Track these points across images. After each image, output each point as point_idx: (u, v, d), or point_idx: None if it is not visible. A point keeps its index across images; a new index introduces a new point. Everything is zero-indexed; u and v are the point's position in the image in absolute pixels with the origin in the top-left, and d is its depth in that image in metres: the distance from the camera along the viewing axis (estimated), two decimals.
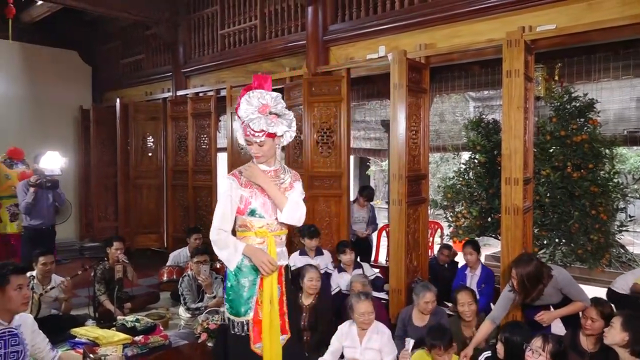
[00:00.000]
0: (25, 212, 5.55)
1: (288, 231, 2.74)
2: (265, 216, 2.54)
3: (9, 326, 2.59)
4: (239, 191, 2.51)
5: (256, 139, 2.44)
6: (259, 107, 2.41)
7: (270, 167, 2.58)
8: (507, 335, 2.92)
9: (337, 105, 5.22)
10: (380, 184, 14.69)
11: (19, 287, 2.58)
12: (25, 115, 8.08)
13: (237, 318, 2.55)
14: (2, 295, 2.54)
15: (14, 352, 2.60)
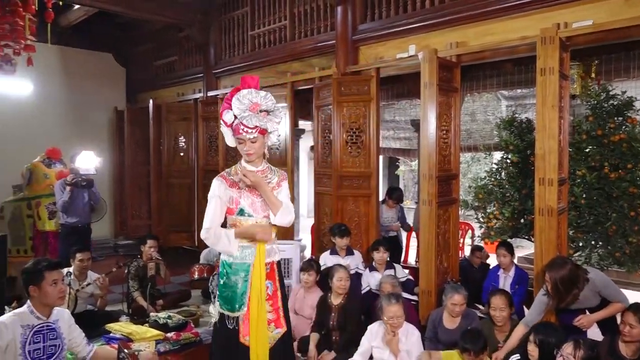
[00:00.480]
0: (62, 210, 5.72)
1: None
2: (253, 215, 2.65)
3: (47, 321, 2.67)
4: (227, 192, 2.62)
5: (249, 135, 2.53)
6: (249, 105, 2.51)
7: (258, 167, 2.68)
8: (542, 338, 2.85)
9: (367, 104, 5.20)
10: (409, 184, 14.57)
11: (54, 282, 2.66)
12: (62, 116, 8.34)
13: (232, 313, 2.65)
14: (39, 291, 2.62)
15: (52, 346, 2.67)
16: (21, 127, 7.70)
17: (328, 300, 4.15)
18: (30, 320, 2.61)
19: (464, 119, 8.10)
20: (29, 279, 2.63)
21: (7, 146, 7.44)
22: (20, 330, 2.55)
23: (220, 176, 2.67)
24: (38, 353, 2.60)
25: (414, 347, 3.40)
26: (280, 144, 6.12)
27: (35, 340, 2.60)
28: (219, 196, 2.61)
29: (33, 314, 2.64)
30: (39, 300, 2.64)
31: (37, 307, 2.65)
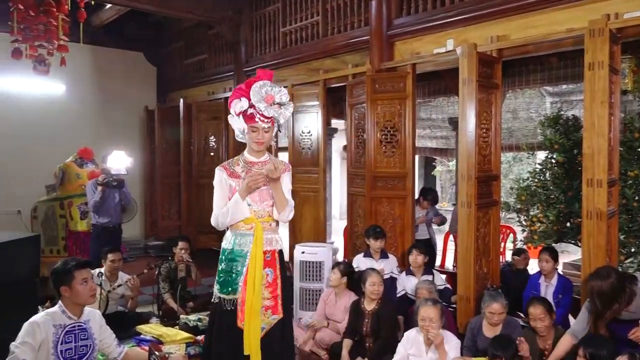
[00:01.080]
0: (93, 210, 5.88)
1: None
2: (252, 204, 2.77)
3: (78, 321, 2.75)
4: (228, 181, 2.77)
5: (265, 124, 2.69)
6: (265, 96, 2.65)
7: (260, 158, 2.82)
8: (592, 351, 2.76)
9: (402, 102, 5.16)
10: (446, 185, 14.39)
11: (84, 281, 2.73)
12: (94, 115, 8.59)
13: (227, 296, 2.77)
14: (70, 291, 2.70)
15: (83, 346, 2.75)
16: (54, 127, 7.97)
17: (361, 305, 4.14)
18: (62, 320, 2.69)
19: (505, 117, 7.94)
20: (59, 279, 2.71)
21: (41, 146, 7.71)
22: (53, 329, 2.62)
23: (221, 166, 2.83)
24: (70, 353, 2.67)
25: (451, 355, 3.34)
26: (312, 143, 6.14)
27: (67, 340, 2.67)
28: (222, 185, 2.78)
29: (65, 313, 2.71)
30: (71, 300, 2.72)
31: (68, 307, 2.73)
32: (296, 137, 6.30)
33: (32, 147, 7.69)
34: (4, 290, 3.52)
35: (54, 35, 5.28)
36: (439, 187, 14.96)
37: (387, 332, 3.98)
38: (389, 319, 4.05)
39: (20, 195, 7.37)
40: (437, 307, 3.38)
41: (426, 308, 3.36)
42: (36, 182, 7.33)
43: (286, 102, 2.73)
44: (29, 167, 7.55)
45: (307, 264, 5.13)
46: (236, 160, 2.85)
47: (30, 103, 7.75)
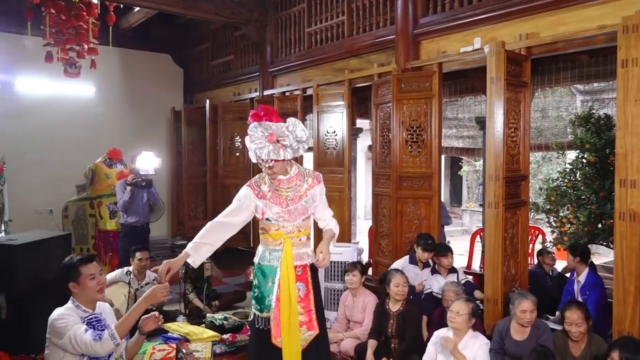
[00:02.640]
0: (122, 209, 6.00)
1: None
2: (279, 221, 2.84)
3: (93, 312, 2.77)
4: (255, 201, 2.82)
5: (265, 164, 2.72)
6: (266, 135, 2.66)
7: (286, 176, 2.84)
8: (629, 356, 2.69)
9: (428, 101, 5.12)
10: (473, 185, 14.24)
11: (92, 276, 2.73)
12: (123, 116, 8.76)
13: (261, 314, 2.83)
14: (79, 287, 2.70)
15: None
16: (84, 128, 8.16)
17: (386, 306, 4.13)
18: (78, 314, 2.69)
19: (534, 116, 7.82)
20: (67, 275, 2.71)
21: (72, 147, 7.90)
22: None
23: (249, 185, 2.87)
24: None
25: (479, 354, 3.30)
26: (337, 143, 6.14)
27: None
28: (242, 201, 2.83)
29: (79, 308, 2.72)
30: (81, 296, 2.73)
31: (80, 302, 2.73)
32: (321, 137, 6.31)
33: (64, 148, 7.89)
34: (41, 286, 3.64)
35: (84, 39, 5.42)
36: (465, 187, 14.81)
37: (413, 333, 3.97)
38: (414, 321, 4.03)
39: (52, 195, 7.57)
40: (469, 305, 3.37)
41: (459, 302, 3.39)
42: (67, 182, 7.52)
43: (298, 133, 2.71)
44: (60, 167, 7.74)
45: (332, 264, 5.13)
46: (263, 178, 2.87)
47: (61, 105, 7.95)
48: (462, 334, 3.36)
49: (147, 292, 2.79)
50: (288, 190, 2.83)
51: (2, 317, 3.66)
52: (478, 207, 12.74)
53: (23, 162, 7.29)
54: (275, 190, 2.83)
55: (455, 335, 3.38)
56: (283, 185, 2.83)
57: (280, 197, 2.83)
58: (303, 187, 2.87)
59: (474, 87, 6.54)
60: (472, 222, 12.97)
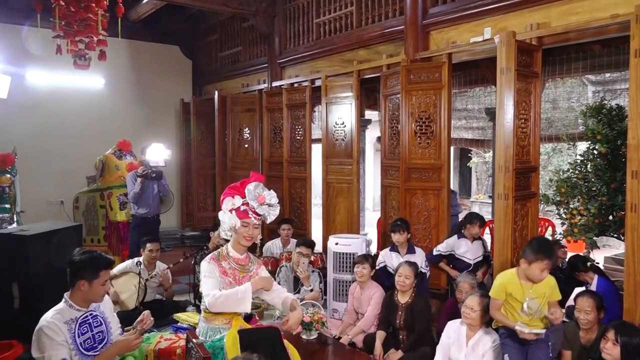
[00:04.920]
0: (133, 201, 6.04)
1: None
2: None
3: (88, 310, 2.72)
4: (217, 275, 2.84)
5: (257, 222, 2.87)
6: (257, 196, 2.86)
7: (241, 255, 2.96)
8: (626, 340, 2.69)
9: (437, 92, 5.09)
10: (482, 176, 14.16)
11: (104, 283, 2.73)
12: (132, 108, 8.80)
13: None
14: (89, 288, 2.65)
15: (99, 332, 2.74)
16: (94, 120, 8.21)
17: (394, 298, 4.13)
18: (71, 315, 2.64)
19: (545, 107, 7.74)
20: (82, 272, 2.65)
21: (82, 139, 7.95)
22: (66, 326, 2.59)
23: (212, 259, 2.89)
24: (89, 342, 2.66)
25: (490, 353, 3.27)
26: (345, 135, 6.13)
27: (83, 332, 2.65)
28: (215, 274, 2.84)
29: (72, 307, 2.67)
30: (83, 296, 2.67)
31: (76, 301, 2.68)
32: (330, 128, 6.30)
33: (74, 140, 7.94)
34: (54, 275, 3.69)
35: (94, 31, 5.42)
36: (474, 179, 14.74)
37: (422, 326, 3.97)
38: (423, 313, 4.02)
39: (63, 187, 7.64)
40: (484, 300, 3.34)
41: (473, 297, 3.38)
42: (78, 174, 7.57)
43: (275, 204, 2.93)
44: (70, 159, 7.81)
45: (340, 255, 5.15)
46: (223, 255, 2.93)
47: (71, 97, 8.00)
48: (476, 329, 3.35)
49: (120, 340, 2.78)
50: (243, 269, 2.94)
51: (15, 306, 3.71)
52: (487, 198, 12.68)
53: (34, 154, 7.35)
54: (234, 268, 2.92)
55: (469, 330, 3.37)
56: (240, 264, 2.94)
57: (237, 275, 2.91)
58: (253, 268, 3.00)
59: (484, 78, 6.48)
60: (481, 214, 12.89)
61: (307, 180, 6.77)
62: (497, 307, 3.15)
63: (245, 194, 2.87)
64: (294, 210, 6.97)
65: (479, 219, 5.05)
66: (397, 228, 4.80)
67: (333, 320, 4.86)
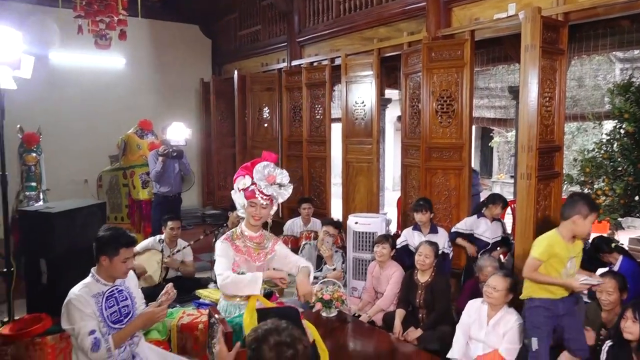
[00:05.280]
0: (155, 179, 6.12)
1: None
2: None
3: (114, 285, 2.81)
4: (232, 254, 2.89)
5: (263, 201, 2.86)
6: (267, 176, 2.85)
7: (256, 233, 2.98)
8: None
9: (459, 71, 5.00)
10: (504, 156, 13.99)
11: (125, 260, 2.77)
12: (153, 88, 8.85)
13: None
14: (110, 264, 2.73)
15: (125, 306, 2.82)
16: (116, 100, 8.29)
17: (414, 277, 4.14)
18: (98, 289, 2.73)
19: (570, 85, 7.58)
20: (104, 249, 2.73)
21: (104, 118, 8.05)
22: (93, 300, 2.68)
23: (225, 239, 2.95)
24: (115, 315, 2.75)
25: (509, 334, 3.26)
26: (365, 114, 6.09)
27: (109, 305, 2.74)
28: (227, 254, 2.89)
29: (99, 282, 2.75)
30: (106, 271, 2.76)
31: (101, 276, 2.77)
32: (349, 107, 6.26)
33: (96, 120, 8.05)
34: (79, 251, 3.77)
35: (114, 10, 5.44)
36: (496, 159, 14.57)
37: (442, 305, 3.98)
38: (443, 292, 4.03)
39: (87, 165, 7.76)
40: (507, 280, 3.33)
41: (496, 277, 3.37)
42: (101, 153, 7.68)
43: (286, 184, 2.93)
44: (93, 138, 7.91)
45: (360, 235, 5.16)
46: (237, 234, 2.97)
47: (93, 77, 8.07)
48: (498, 309, 3.34)
49: (145, 312, 2.84)
50: (258, 246, 2.97)
51: (43, 281, 3.81)
52: (509, 178, 12.54)
53: (58, 134, 7.45)
54: (249, 246, 2.95)
55: (490, 309, 3.36)
56: (254, 241, 2.97)
57: (252, 253, 2.95)
58: (268, 245, 3.03)
59: (507, 56, 6.35)
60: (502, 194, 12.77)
61: (327, 159, 6.76)
62: (537, 268, 3.10)
63: (253, 174, 2.87)
64: (314, 189, 6.99)
65: (501, 200, 5.03)
66: (420, 208, 4.78)
67: (352, 298, 4.89)
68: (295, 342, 1.67)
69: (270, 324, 1.73)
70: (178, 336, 3.90)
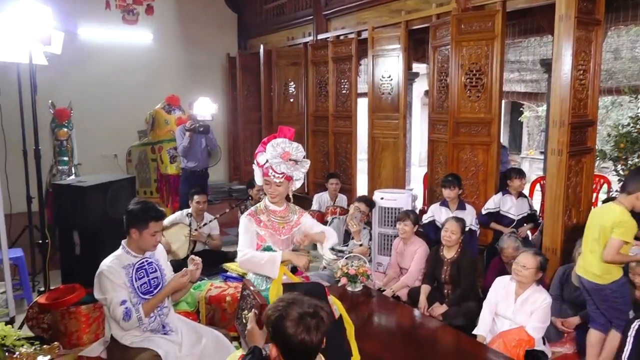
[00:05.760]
0: (182, 154, 6.19)
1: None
2: (275, 249, 2.92)
3: (143, 256, 2.88)
4: (256, 229, 2.90)
5: (276, 179, 2.83)
6: (281, 153, 2.82)
7: (280, 207, 2.96)
8: None
9: (489, 43, 4.87)
10: (534, 131, 13.67)
11: (154, 233, 2.83)
12: (180, 63, 8.87)
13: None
14: (139, 237, 2.79)
15: (154, 278, 2.90)
16: (143, 75, 8.34)
17: (440, 253, 4.13)
18: (128, 260, 2.80)
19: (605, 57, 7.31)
20: (134, 221, 2.79)
21: (132, 93, 8.12)
22: (124, 271, 2.75)
23: (249, 215, 2.94)
24: (145, 287, 2.83)
25: (537, 312, 3.21)
26: (392, 88, 6.00)
27: (140, 277, 2.82)
28: (249, 231, 2.89)
29: (129, 253, 2.82)
30: (136, 243, 2.82)
31: (131, 248, 2.83)
32: (376, 82, 6.18)
33: (125, 95, 8.12)
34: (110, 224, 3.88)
35: None
36: (525, 134, 14.26)
37: (468, 281, 3.96)
38: (469, 268, 4.01)
39: (116, 140, 7.89)
40: (537, 258, 3.26)
41: (526, 255, 3.30)
42: (129, 128, 7.79)
43: (301, 160, 2.90)
44: (122, 113, 8.01)
45: (385, 210, 5.15)
46: (261, 209, 2.96)
47: (121, 53, 8.12)
48: (526, 287, 3.28)
49: (173, 279, 2.89)
50: (283, 220, 2.96)
51: (77, 253, 3.93)
52: (539, 154, 12.29)
53: (88, 109, 7.57)
54: (273, 220, 2.94)
55: (518, 287, 3.32)
56: (279, 215, 2.96)
57: (276, 226, 2.95)
58: (293, 218, 3.02)
59: (540, 27, 6.14)
60: (531, 170, 12.55)
61: (353, 134, 6.72)
62: (620, 249, 3.08)
63: (266, 151, 2.85)
64: (340, 164, 6.97)
65: (516, 172, 4.96)
66: (448, 183, 4.74)
67: (377, 273, 4.91)
68: (318, 310, 1.66)
69: (288, 298, 1.73)
70: (206, 308, 4.00)
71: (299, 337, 1.61)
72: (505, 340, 3.13)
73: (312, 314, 1.65)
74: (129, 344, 2.74)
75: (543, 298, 3.23)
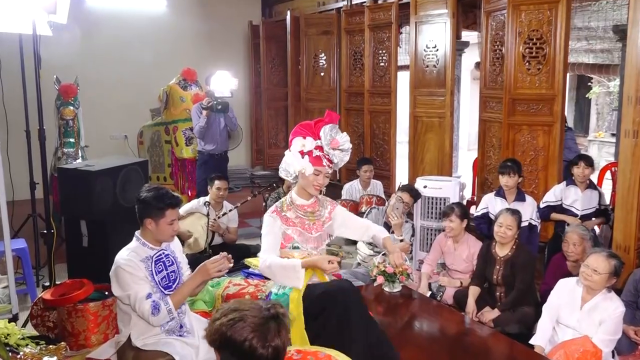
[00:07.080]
0: (199, 135, 6.25)
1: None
2: (305, 247, 2.96)
3: (160, 248, 2.92)
4: (282, 228, 2.92)
5: (329, 169, 2.89)
6: (331, 140, 2.84)
7: (308, 200, 2.99)
8: None
9: (553, 7, 4.76)
10: (604, 110, 13.33)
11: (172, 222, 2.86)
12: (196, 33, 8.92)
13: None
14: (156, 227, 2.82)
15: (172, 271, 2.94)
16: (156, 47, 8.41)
17: (492, 250, 4.08)
18: (145, 253, 2.84)
19: None
20: (149, 211, 2.81)
21: (144, 67, 8.20)
22: (142, 264, 2.79)
23: (274, 212, 2.95)
24: (165, 280, 2.88)
25: (606, 322, 3.12)
26: (438, 60, 5.93)
27: (159, 270, 2.86)
28: (274, 232, 2.91)
29: (146, 245, 2.86)
30: (152, 234, 2.86)
31: (147, 239, 2.87)
32: (419, 52, 6.11)
33: (136, 69, 8.22)
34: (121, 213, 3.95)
35: None
36: (594, 113, 13.92)
37: (524, 282, 3.90)
38: (525, 268, 3.95)
39: (127, 120, 8.02)
40: (611, 263, 3.12)
41: (598, 257, 3.16)
42: (141, 106, 7.90)
43: (347, 149, 2.91)
44: (133, 89, 8.13)
45: (429, 200, 5.11)
46: (287, 204, 2.96)
47: (132, 21, 8.20)
48: (595, 293, 3.18)
49: (199, 267, 2.89)
50: (312, 215, 2.97)
51: (84, 244, 4.03)
52: (610, 137, 11.99)
53: (96, 84, 7.70)
54: (302, 217, 2.95)
55: (585, 292, 3.23)
56: (307, 210, 2.96)
57: (306, 223, 2.96)
58: (324, 212, 3.04)
59: None
60: (600, 155, 12.27)
61: (392, 113, 6.68)
62: None
63: (320, 136, 2.84)
64: (376, 148, 6.95)
65: (581, 158, 4.80)
66: (507, 169, 4.64)
67: (419, 272, 4.89)
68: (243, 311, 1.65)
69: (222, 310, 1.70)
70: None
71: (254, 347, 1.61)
72: (568, 351, 3.06)
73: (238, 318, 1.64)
74: (141, 345, 2.80)
75: (615, 307, 3.13)
